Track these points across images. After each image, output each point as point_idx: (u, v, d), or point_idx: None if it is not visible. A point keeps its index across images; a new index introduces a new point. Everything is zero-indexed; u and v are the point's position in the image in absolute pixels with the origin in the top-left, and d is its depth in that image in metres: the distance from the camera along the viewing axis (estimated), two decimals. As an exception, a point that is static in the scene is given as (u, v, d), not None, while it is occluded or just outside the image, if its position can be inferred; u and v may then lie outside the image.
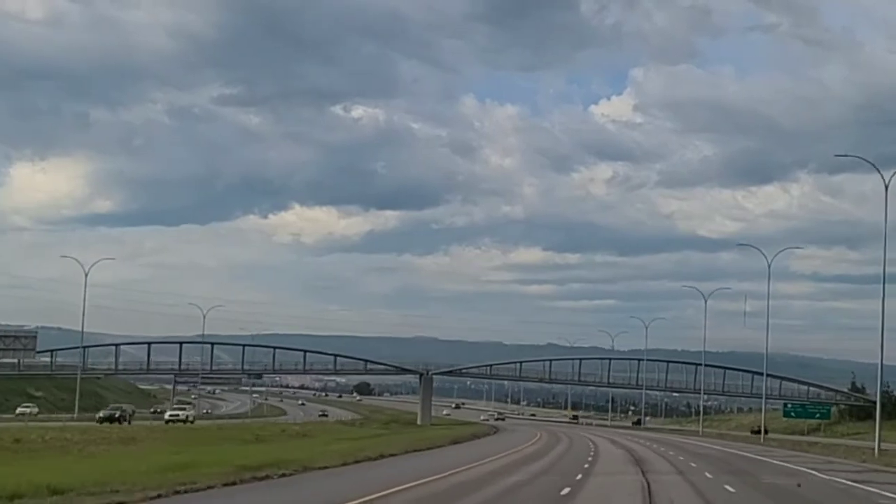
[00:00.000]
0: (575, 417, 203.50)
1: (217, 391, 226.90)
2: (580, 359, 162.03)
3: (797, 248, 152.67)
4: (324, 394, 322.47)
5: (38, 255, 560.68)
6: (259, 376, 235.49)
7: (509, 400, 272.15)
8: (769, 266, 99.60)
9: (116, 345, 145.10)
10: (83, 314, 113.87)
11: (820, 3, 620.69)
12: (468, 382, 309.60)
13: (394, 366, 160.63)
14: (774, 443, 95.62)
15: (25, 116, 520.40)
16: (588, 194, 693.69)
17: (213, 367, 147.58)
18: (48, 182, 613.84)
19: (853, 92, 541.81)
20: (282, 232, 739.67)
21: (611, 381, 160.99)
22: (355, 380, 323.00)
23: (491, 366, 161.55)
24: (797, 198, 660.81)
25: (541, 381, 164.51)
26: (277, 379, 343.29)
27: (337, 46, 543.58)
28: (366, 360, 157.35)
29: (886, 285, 65.78)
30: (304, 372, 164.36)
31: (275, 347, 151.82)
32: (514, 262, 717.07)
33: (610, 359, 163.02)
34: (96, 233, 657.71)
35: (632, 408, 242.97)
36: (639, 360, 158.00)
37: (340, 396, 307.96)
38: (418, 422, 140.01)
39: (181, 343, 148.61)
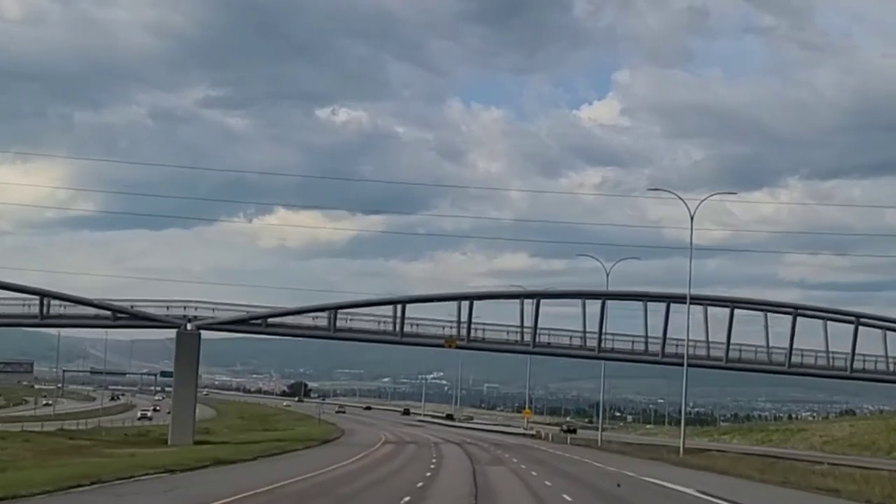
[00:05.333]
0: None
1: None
2: (536, 296, 65.76)
3: (730, 192, 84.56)
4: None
5: (28, 257, 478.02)
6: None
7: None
8: (692, 218, 59.42)
9: None
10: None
11: (817, 6, 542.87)
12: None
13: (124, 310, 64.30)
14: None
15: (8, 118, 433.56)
16: (577, 199, 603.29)
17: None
18: (30, 182, 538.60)
19: (847, 96, 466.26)
20: (266, 236, 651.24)
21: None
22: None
23: (332, 311, 65.05)
24: (786, 204, 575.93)
25: (448, 343, 67.23)
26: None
27: (325, 48, 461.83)
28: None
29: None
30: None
31: None
32: (499, 268, 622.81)
33: (604, 296, 65.37)
34: (81, 236, 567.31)
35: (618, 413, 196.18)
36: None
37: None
38: (169, 438, 62.27)
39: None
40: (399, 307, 64.92)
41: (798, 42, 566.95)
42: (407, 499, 24.90)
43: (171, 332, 63.84)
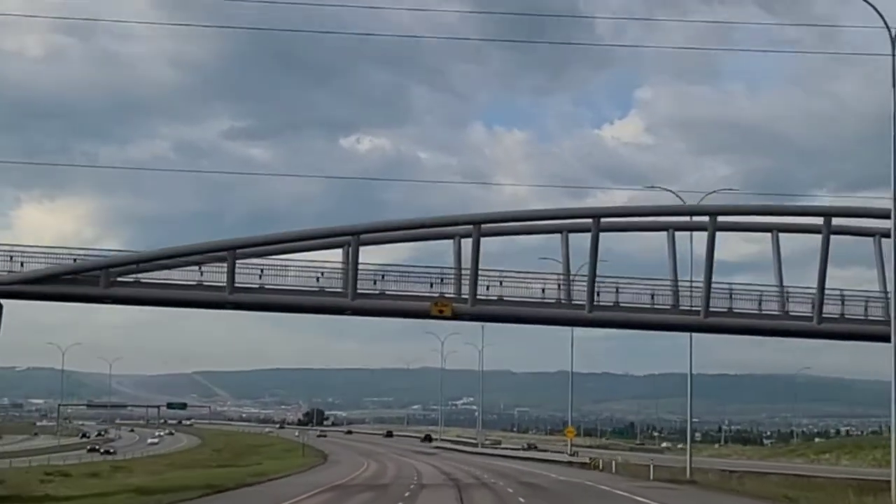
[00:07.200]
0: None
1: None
2: (590, 216, 35.12)
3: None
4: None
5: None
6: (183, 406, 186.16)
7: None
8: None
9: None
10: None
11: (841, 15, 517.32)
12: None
13: None
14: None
15: (32, 156, 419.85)
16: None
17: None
18: (56, 221, 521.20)
19: (872, 107, 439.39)
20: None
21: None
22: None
23: (230, 252, 34.36)
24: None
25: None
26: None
27: (347, 75, 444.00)
28: None
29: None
30: None
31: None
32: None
33: (713, 215, 35.15)
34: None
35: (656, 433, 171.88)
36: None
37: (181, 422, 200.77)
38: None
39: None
40: (349, 249, 34.75)
41: (822, 54, 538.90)
42: None
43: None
